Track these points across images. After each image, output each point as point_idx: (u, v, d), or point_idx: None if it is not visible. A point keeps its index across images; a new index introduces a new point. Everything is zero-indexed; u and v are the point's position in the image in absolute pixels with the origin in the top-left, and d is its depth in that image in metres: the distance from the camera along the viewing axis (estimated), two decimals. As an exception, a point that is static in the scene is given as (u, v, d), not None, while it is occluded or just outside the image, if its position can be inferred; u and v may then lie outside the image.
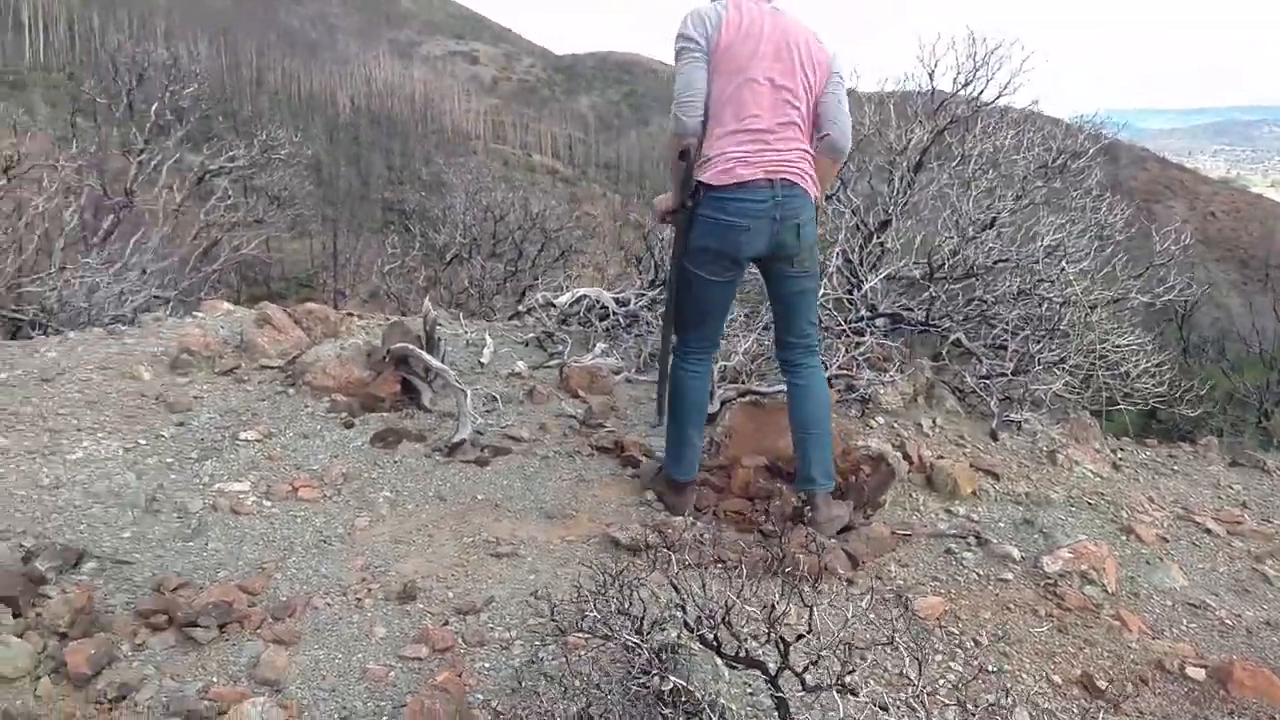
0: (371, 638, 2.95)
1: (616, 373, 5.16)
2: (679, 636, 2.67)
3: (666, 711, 2.22)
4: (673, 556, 2.73)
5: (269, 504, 3.71)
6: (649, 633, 2.50)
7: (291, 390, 4.64)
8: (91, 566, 3.20)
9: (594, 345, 5.62)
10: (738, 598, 2.38)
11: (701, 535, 3.57)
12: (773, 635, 2.32)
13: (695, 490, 3.81)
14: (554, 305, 5.98)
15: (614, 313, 5.80)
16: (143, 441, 4.08)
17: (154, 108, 10.09)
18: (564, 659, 2.75)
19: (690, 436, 3.75)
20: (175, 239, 10.64)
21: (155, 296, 9.55)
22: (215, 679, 2.71)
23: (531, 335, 5.94)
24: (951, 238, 5.36)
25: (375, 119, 71.24)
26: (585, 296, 5.88)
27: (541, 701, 2.48)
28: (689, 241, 3.55)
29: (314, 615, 3.04)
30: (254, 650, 2.83)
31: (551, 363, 5.43)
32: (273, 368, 4.90)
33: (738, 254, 3.52)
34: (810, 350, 3.76)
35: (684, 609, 2.53)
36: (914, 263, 5.49)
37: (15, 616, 2.84)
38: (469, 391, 4.31)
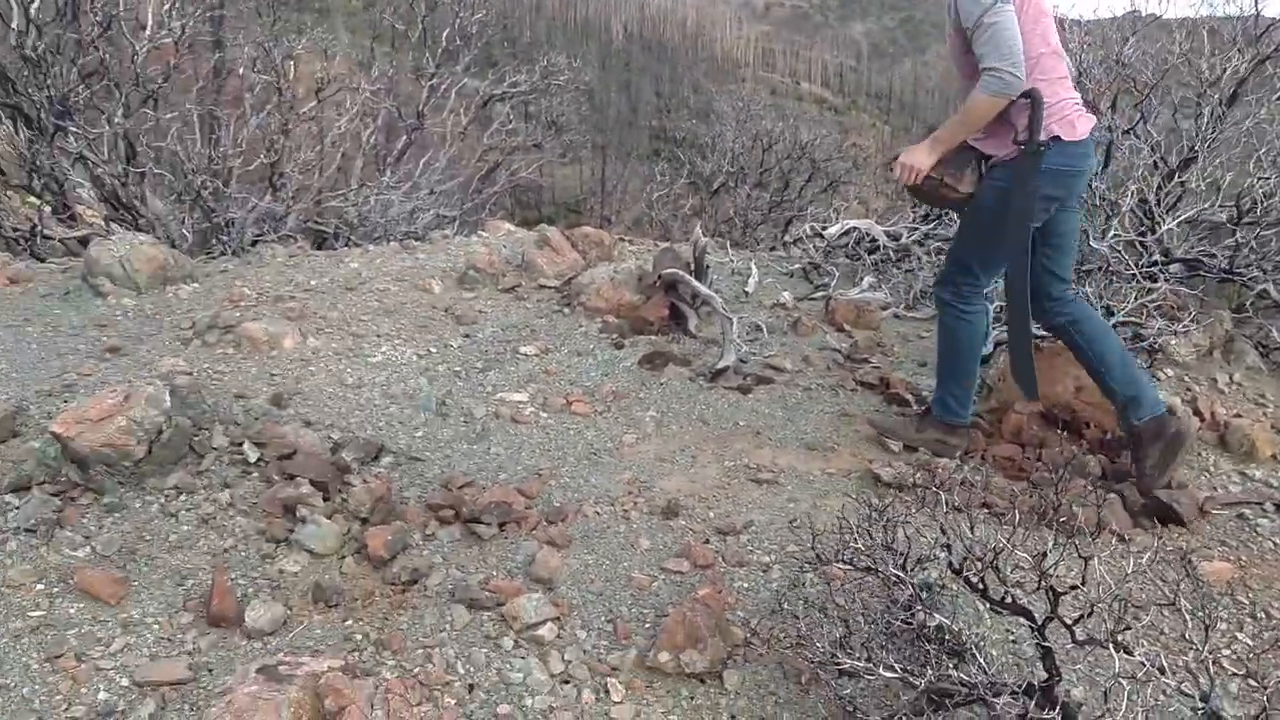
0: (637, 548, 3.07)
1: (884, 308, 5.06)
2: (941, 577, 2.64)
3: (930, 648, 2.20)
4: (941, 496, 2.68)
5: (545, 415, 3.91)
6: (912, 570, 2.49)
7: (567, 310, 4.84)
8: (388, 460, 3.50)
9: (861, 279, 5.53)
10: (1007, 543, 2.32)
11: (969, 478, 3.48)
12: (1042, 584, 2.25)
13: (967, 434, 3.71)
14: (821, 236, 5.92)
15: (884, 246, 5.67)
16: (434, 350, 4.38)
17: (444, 34, 10.62)
18: (824, 587, 2.78)
19: (966, 378, 3.65)
20: (460, 161, 11.23)
21: (440, 215, 10.16)
22: (495, 573, 2.92)
23: (797, 266, 5.91)
24: (1268, 178, 4.87)
25: (647, 45, 72.02)
26: (854, 229, 5.78)
27: (800, 625, 2.51)
28: (1026, 189, 3.33)
29: (584, 522, 3.20)
30: (529, 550, 3.01)
31: (817, 295, 5.39)
32: (550, 287, 5.12)
33: (1069, 198, 3.42)
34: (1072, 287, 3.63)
35: (949, 549, 2.50)
36: (1220, 205, 5.04)
37: (324, 500, 3.15)
38: (735, 319, 4.36)
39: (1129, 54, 5.55)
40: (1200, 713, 2.17)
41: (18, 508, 2.98)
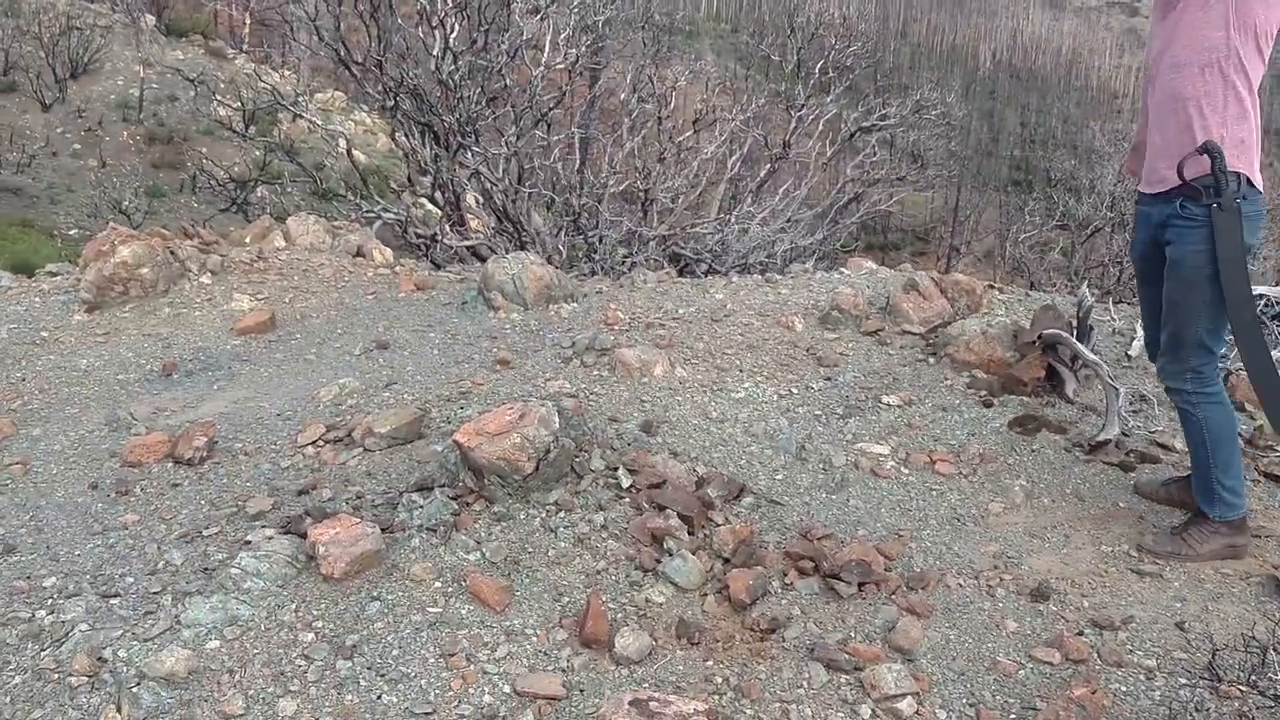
0: (1002, 629, 2.94)
1: (1294, 389, 4.53)
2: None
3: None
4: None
5: (906, 471, 3.83)
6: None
7: (932, 360, 4.72)
8: (749, 501, 3.55)
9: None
10: None
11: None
12: None
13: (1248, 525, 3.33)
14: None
15: (1296, 318, 5.09)
16: (795, 390, 4.41)
17: (818, 65, 10.70)
18: (1222, 707, 2.52)
19: (1234, 465, 3.29)
20: (820, 189, 11.27)
21: (795, 244, 10.24)
22: (853, 634, 2.89)
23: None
24: None
25: (1015, 73, 69.09)
26: (1263, 295, 5.22)
27: (1194, 751, 2.30)
28: (1239, 239, 3.03)
29: (945, 593, 3.10)
30: (889, 615, 2.96)
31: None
32: (914, 334, 5.02)
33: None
34: None
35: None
36: None
37: (689, 534, 3.24)
38: (1122, 390, 4.06)
39: None
40: None
41: (421, 506, 3.29)
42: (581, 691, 2.61)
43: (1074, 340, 4.28)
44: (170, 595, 2.88)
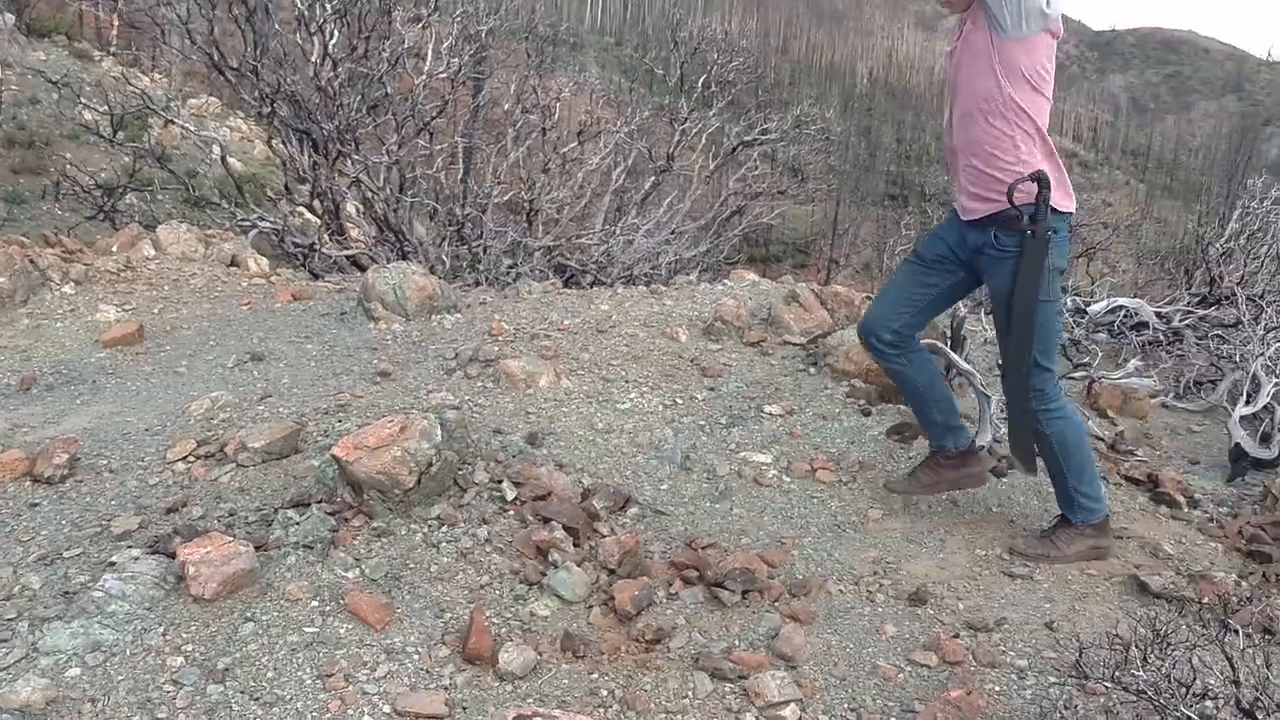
0: (882, 634, 2.99)
1: (1153, 396, 4.76)
2: (1226, 715, 2.44)
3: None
4: (1227, 621, 2.49)
5: (788, 480, 3.88)
6: (1192, 703, 2.31)
7: (813, 370, 4.80)
8: (634, 511, 3.55)
9: (1126, 361, 5.22)
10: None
11: (1248, 596, 3.21)
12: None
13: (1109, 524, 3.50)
14: (1084, 313, 5.63)
15: (1154, 327, 5.35)
16: (679, 401, 4.43)
17: (701, 80, 10.81)
18: (1089, 704, 2.61)
19: (1089, 468, 3.46)
20: (703, 202, 11.38)
21: (679, 256, 10.32)
22: (737, 642, 2.90)
23: (1061, 339, 5.64)
24: None
25: (891, 90, 71.17)
26: (1122, 307, 5.47)
27: (1063, 747, 2.37)
28: (1051, 264, 3.23)
29: (827, 599, 3.15)
30: (773, 622, 2.98)
31: (1076, 374, 5.12)
32: (796, 344, 5.09)
33: None
34: None
35: (1238, 685, 2.31)
36: None
37: (575, 546, 3.22)
38: (993, 398, 4.20)
39: None
40: None
41: (297, 523, 3.19)
42: (465, 709, 2.56)
43: (948, 350, 4.40)
44: (27, 621, 2.73)
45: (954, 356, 4.36)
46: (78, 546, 3.12)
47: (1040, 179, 3.13)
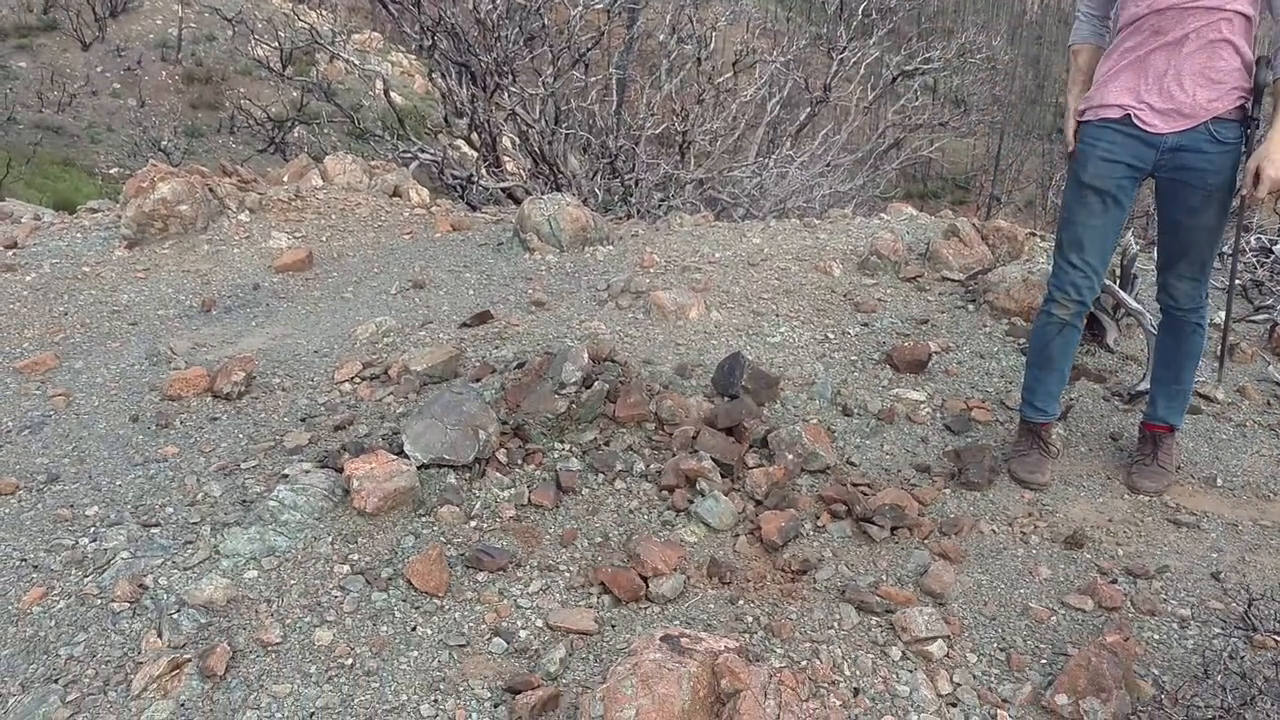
0: (1035, 576, 2.93)
1: (1343, 341, 4.45)
2: None
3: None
4: None
5: (942, 418, 3.80)
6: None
7: (971, 307, 4.66)
8: (783, 445, 3.53)
9: (1313, 304, 4.88)
10: None
11: None
12: None
13: None
14: (1270, 251, 5.29)
15: (1348, 269, 4.97)
16: (831, 336, 4.38)
17: (861, 7, 10.49)
18: (1246, 655, 2.50)
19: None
20: (859, 135, 11.11)
21: (835, 190, 10.12)
22: (885, 578, 2.89)
23: (1237, 282, 5.32)
24: None
25: (1064, 18, 67.47)
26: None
27: (1228, 699, 2.28)
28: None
29: (979, 539, 3.09)
30: (921, 559, 2.95)
31: (1258, 317, 4.83)
32: (954, 281, 4.95)
33: None
34: None
35: None
36: None
37: (723, 477, 3.24)
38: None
39: None
40: None
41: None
42: (613, 627, 2.64)
43: (1116, 288, 4.21)
44: (209, 526, 2.93)
45: (1123, 295, 4.16)
46: (253, 459, 3.32)
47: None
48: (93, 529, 2.94)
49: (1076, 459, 3.58)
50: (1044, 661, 2.60)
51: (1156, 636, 2.69)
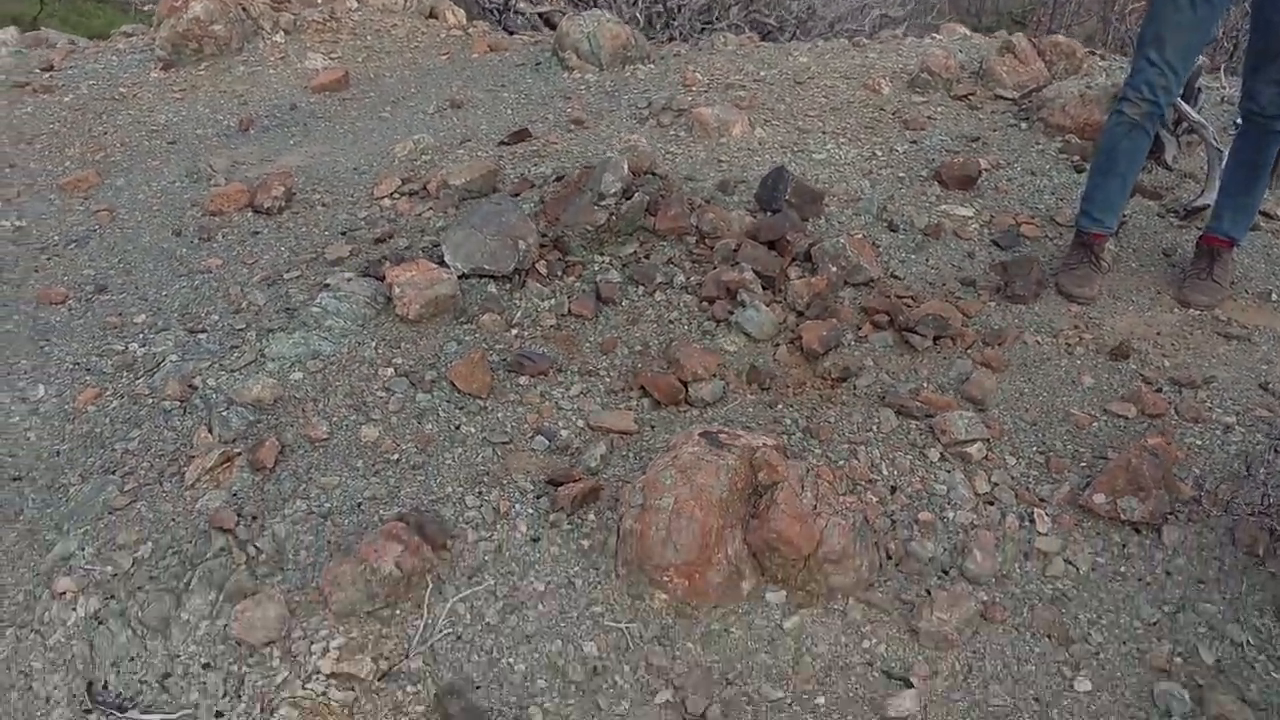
0: (1078, 385, 2.90)
1: None
2: None
3: None
4: None
5: (990, 234, 3.72)
6: None
7: (1024, 124, 4.51)
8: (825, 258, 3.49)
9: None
10: None
11: None
12: None
13: None
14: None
15: None
16: (878, 153, 4.27)
17: None
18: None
19: None
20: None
21: (885, 15, 9.71)
22: (925, 385, 2.88)
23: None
24: None
25: None
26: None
27: (1269, 493, 2.28)
28: None
29: (1023, 349, 3.06)
30: (963, 368, 2.94)
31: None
32: (1007, 99, 4.78)
33: None
34: None
35: None
36: None
37: (764, 288, 3.21)
38: (1225, 153, 3.85)
39: None
40: None
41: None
42: (653, 428, 2.67)
43: (1180, 100, 4.03)
44: (254, 331, 2.97)
45: (1185, 107, 3.99)
46: (296, 270, 3.33)
47: None
48: (141, 335, 2.99)
49: (1126, 274, 3.50)
50: (1083, 465, 2.60)
51: (1199, 442, 2.67)
